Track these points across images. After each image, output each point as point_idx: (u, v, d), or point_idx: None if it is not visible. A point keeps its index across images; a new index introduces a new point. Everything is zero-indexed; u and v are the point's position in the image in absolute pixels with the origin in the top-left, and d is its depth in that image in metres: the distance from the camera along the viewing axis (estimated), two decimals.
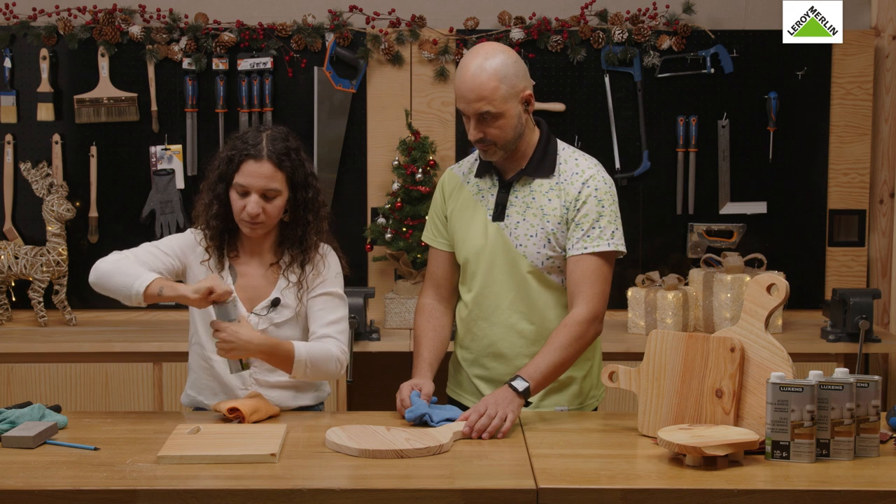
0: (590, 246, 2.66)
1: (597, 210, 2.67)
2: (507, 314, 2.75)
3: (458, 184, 2.83)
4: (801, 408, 2.24)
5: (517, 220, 2.71)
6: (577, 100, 4.27)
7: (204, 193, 2.74)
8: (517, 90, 2.62)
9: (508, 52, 2.65)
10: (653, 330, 2.60)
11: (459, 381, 2.89)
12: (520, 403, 2.54)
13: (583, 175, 2.70)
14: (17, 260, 4.08)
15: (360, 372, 3.71)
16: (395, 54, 4.21)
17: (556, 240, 2.69)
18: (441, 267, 2.87)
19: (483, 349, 2.80)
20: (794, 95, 4.26)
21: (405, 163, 4.10)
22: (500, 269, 2.73)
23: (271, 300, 2.72)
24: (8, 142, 4.18)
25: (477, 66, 2.59)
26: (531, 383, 2.56)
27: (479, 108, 2.59)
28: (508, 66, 2.60)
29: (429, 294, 2.88)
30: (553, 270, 2.72)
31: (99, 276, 2.61)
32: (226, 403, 2.60)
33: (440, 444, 2.34)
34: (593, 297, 2.66)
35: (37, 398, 3.70)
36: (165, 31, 4.17)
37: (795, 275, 4.18)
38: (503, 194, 2.74)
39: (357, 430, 2.43)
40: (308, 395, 2.81)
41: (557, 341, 2.62)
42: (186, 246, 2.76)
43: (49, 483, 2.14)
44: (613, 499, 2.11)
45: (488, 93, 2.58)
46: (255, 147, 2.64)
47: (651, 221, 4.31)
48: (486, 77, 2.58)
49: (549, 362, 2.60)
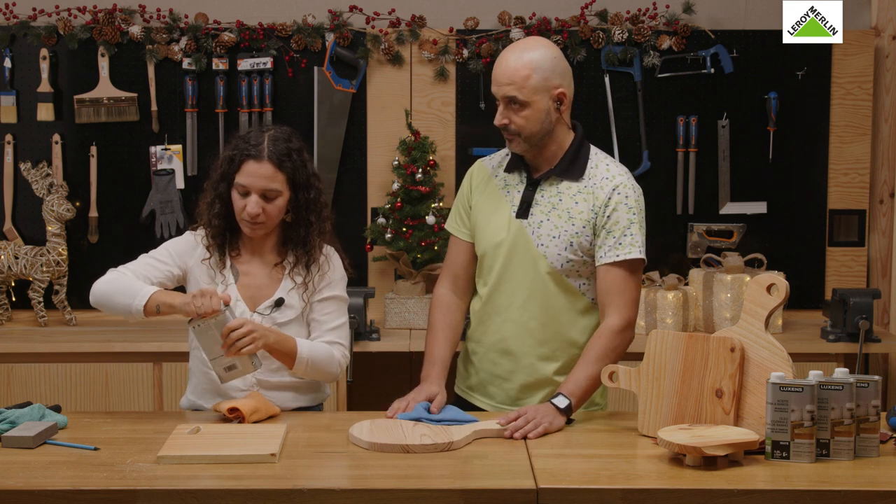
0: (622, 253, 2.66)
1: (628, 217, 2.67)
2: (520, 312, 2.74)
3: (487, 176, 2.82)
4: (801, 408, 2.24)
5: (541, 220, 2.70)
6: (577, 100, 4.21)
7: (207, 192, 2.75)
8: (549, 85, 2.63)
9: (552, 48, 2.67)
10: (653, 330, 2.60)
11: (468, 378, 2.88)
12: (561, 420, 2.54)
13: (613, 181, 2.70)
14: (17, 260, 4.08)
15: (360, 372, 3.71)
16: (395, 54, 4.21)
17: (580, 244, 2.68)
18: (461, 257, 2.86)
19: (493, 344, 2.79)
20: (794, 95, 4.26)
21: (405, 163, 4.10)
22: (519, 266, 2.72)
23: (275, 300, 2.72)
24: (8, 142, 4.18)
25: (517, 53, 2.63)
26: (572, 399, 2.56)
27: (507, 92, 2.61)
28: (546, 60, 2.62)
29: (445, 284, 2.87)
30: (572, 274, 2.71)
31: (98, 299, 2.65)
32: (226, 403, 2.60)
33: (450, 441, 2.34)
34: (626, 306, 2.66)
35: (37, 398, 3.70)
36: (165, 31, 4.17)
37: (795, 275, 4.18)
38: (530, 192, 2.73)
39: (383, 425, 2.46)
40: (308, 395, 2.81)
41: (594, 353, 2.62)
42: (184, 250, 2.76)
43: (49, 483, 2.14)
44: (613, 499, 2.11)
45: (519, 79, 2.60)
46: (256, 147, 2.64)
47: (651, 221, 4.24)
48: (520, 64, 2.61)
49: (587, 375, 2.60)
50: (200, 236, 2.76)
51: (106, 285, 2.64)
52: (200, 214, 2.76)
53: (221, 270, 2.72)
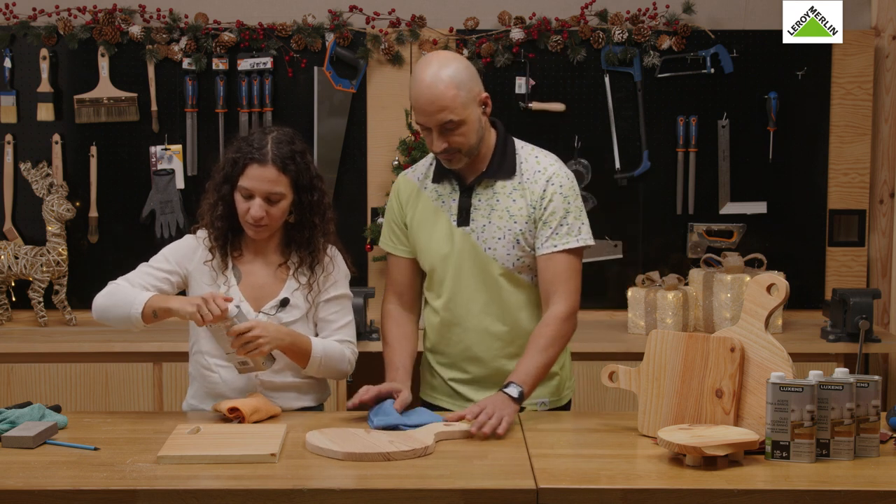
0: (559, 244, 2.66)
1: (563, 207, 2.67)
2: (480, 318, 2.74)
3: (415, 190, 2.79)
4: (801, 408, 2.24)
5: (483, 224, 2.70)
6: (577, 100, 4.27)
7: (209, 193, 2.74)
8: (474, 94, 2.61)
9: (458, 58, 2.65)
10: (653, 330, 2.60)
11: (434, 385, 2.88)
12: (515, 409, 2.54)
13: (545, 172, 2.70)
14: (17, 260, 4.09)
15: (359, 372, 3.69)
16: (395, 54, 4.21)
17: (525, 239, 2.69)
18: (403, 273, 2.84)
19: (459, 353, 2.79)
20: (794, 95, 4.26)
21: (405, 163, 4.10)
22: (470, 274, 2.72)
23: (280, 300, 2.72)
24: (8, 142, 4.18)
25: (432, 75, 2.57)
26: (524, 388, 2.57)
27: (442, 119, 2.57)
28: (462, 72, 2.59)
29: (392, 301, 2.85)
30: (524, 270, 2.72)
31: (99, 314, 2.67)
32: (226, 403, 2.60)
33: (425, 445, 2.34)
34: (569, 294, 2.66)
35: (37, 398, 3.70)
36: (165, 31, 4.17)
37: (795, 275, 4.18)
38: (465, 199, 2.72)
39: (338, 433, 2.42)
40: (311, 395, 2.81)
41: (542, 341, 2.63)
42: (183, 254, 2.75)
43: (49, 483, 2.14)
44: (613, 499, 2.11)
45: (448, 101, 2.56)
46: (260, 151, 2.63)
47: (651, 221, 4.31)
48: (443, 86, 2.55)
49: (536, 364, 2.61)
50: (202, 238, 2.76)
51: (104, 299, 2.65)
52: (202, 215, 2.76)
53: (224, 272, 2.72)
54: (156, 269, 2.72)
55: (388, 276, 2.88)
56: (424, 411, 2.62)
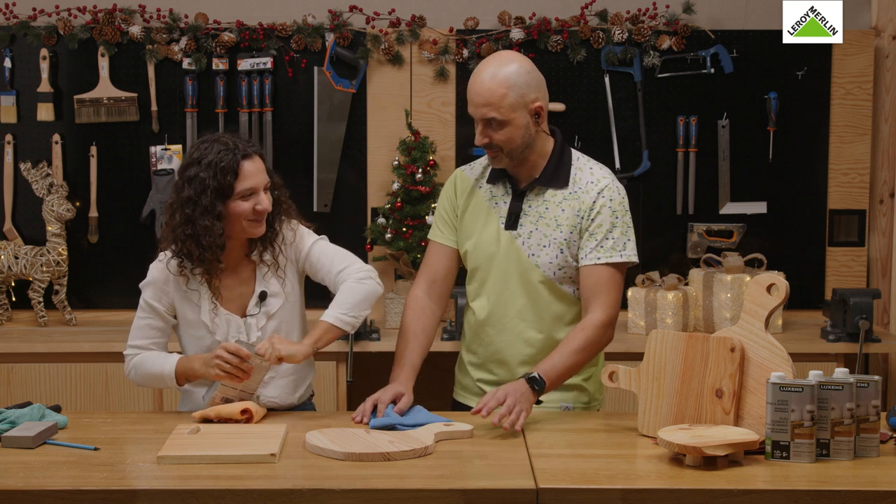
0: (603, 256, 2.66)
1: (611, 221, 2.67)
2: (515, 322, 2.74)
3: (471, 186, 2.81)
4: (801, 408, 2.24)
5: (530, 230, 2.70)
6: (577, 100, 4.27)
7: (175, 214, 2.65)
8: (526, 100, 2.62)
9: (524, 62, 2.65)
10: (653, 330, 2.60)
11: (464, 384, 2.89)
12: (533, 400, 2.54)
13: (598, 184, 2.70)
14: (17, 260, 4.08)
15: (360, 372, 3.71)
16: (395, 54, 4.21)
17: (570, 249, 2.69)
18: (442, 263, 2.84)
19: (490, 355, 2.80)
20: (794, 95, 4.26)
21: (405, 163, 4.10)
22: (512, 277, 2.72)
23: (258, 294, 2.72)
24: (8, 142, 4.18)
25: (490, 72, 2.60)
26: (546, 382, 2.57)
27: (485, 114, 2.60)
28: (520, 76, 2.61)
29: (421, 286, 2.84)
30: (565, 280, 2.71)
31: (139, 383, 2.76)
32: (227, 407, 2.59)
33: (425, 445, 2.34)
34: (609, 304, 2.67)
35: (37, 398, 3.70)
36: (165, 31, 4.17)
37: (795, 275, 4.18)
38: (516, 203, 2.73)
39: (338, 433, 2.42)
40: (305, 384, 2.85)
41: (574, 344, 2.63)
42: (158, 289, 2.71)
43: (49, 483, 2.14)
44: (613, 499, 2.11)
45: (496, 99, 2.59)
46: (242, 150, 2.63)
47: (651, 221, 4.31)
48: (495, 84, 2.59)
49: (565, 363, 2.61)
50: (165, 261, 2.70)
51: (136, 377, 2.73)
52: (165, 239, 2.69)
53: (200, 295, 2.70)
54: (150, 320, 2.72)
55: (425, 262, 2.87)
56: (422, 411, 2.62)
